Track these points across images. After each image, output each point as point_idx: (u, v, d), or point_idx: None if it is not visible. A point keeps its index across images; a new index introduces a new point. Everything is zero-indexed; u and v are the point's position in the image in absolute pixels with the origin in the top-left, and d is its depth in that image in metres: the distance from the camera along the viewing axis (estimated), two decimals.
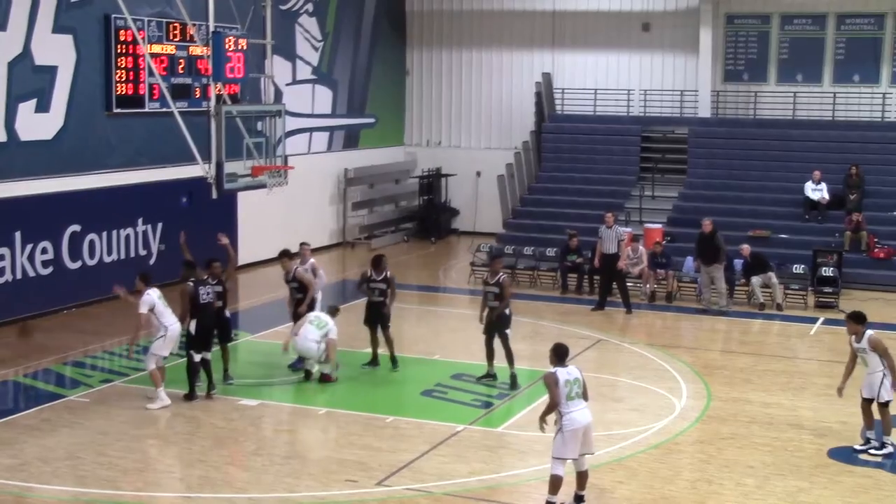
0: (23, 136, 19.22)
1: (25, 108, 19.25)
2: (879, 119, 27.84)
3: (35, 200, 19.33)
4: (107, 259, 20.81)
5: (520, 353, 15.92)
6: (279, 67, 24.15)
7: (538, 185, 28.89)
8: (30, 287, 19.32)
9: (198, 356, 14.77)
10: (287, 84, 26.67)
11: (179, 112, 17.14)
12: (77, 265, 20.31)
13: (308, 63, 27.73)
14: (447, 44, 31.82)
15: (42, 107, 19.63)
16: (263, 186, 17.47)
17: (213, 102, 16.48)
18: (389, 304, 16.54)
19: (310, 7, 27.56)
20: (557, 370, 11.05)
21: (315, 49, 28.01)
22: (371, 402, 14.97)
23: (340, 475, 12.10)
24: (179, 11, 18.49)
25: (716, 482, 12.09)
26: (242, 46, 16.46)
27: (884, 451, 12.90)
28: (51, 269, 19.75)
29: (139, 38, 19.88)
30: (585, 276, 22.90)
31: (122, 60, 20.90)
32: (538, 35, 30.84)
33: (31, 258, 19.37)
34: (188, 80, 22.38)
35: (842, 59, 28.33)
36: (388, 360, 16.55)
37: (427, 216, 30.74)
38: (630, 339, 18.97)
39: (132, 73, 21.14)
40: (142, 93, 21.41)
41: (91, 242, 20.58)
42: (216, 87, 16.66)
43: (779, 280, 21.64)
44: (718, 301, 21.07)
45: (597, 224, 22.20)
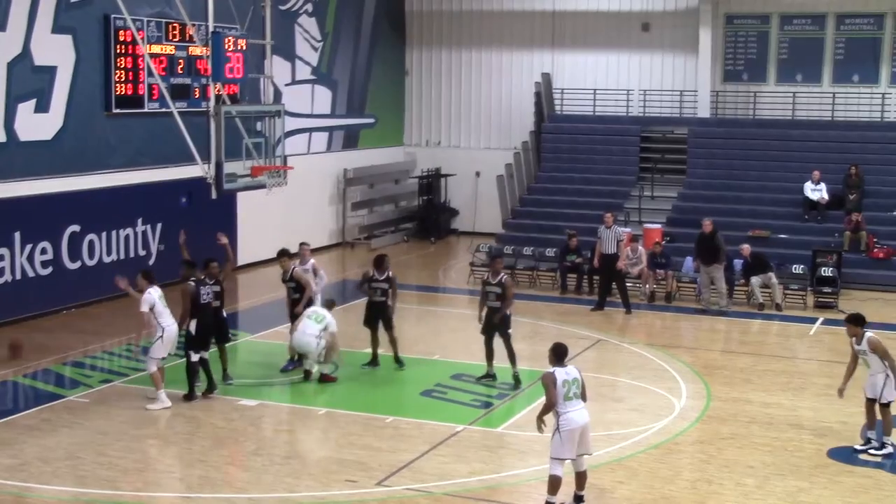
0: (22, 137, 19.21)
1: (25, 109, 19.24)
2: (879, 119, 27.85)
3: (34, 200, 19.33)
4: (106, 259, 20.82)
5: (520, 353, 15.90)
6: (278, 67, 24.15)
7: (537, 186, 28.89)
8: (30, 287, 19.32)
9: (196, 356, 14.78)
10: (286, 84, 26.66)
11: (179, 112, 17.15)
12: (77, 265, 20.31)
13: (307, 63, 27.73)
14: (447, 44, 31.82)
15: (41, 107, 19.62)
16: (263, 187, 17.48)
17: (213, 102, 16.49)
18: (393, 305, 16.54)
19: (309, 7, 27.56)
20: (556, 370, 11.05)
21: (314, 49, 28.01)
22: (371, 402, 14.97)
23: (340, 475, 12.10)
24: (179, 12, 18.50)
25: (716, 482, 12.09)
26: (242, 46, 16.46)
27: (884, 451, 12.91)
28: (50, 270, 19.75)
29: (138, 39, 19.89)
30: (585, 277, 22.90)
31: (122, 61, 20.90)
32: (538, 35, 30.84)
33: (31, 258, 19.36)
34: (187, 81, 22.38)
35: (841, 60, 28.33)
36: (393, 361, 16.54)
37: (427, 216, 30.74)
38: (630, 340, 18.96)
39: (132, 74, 21.13)
40: (141, 93, 21.41)
41: (90, 243, 20.58)
42: (215, 88, 16.67)
43: (778, 280, 21.65)
44: (718, 301, 21.07)
45: (596, 224, 22.21)
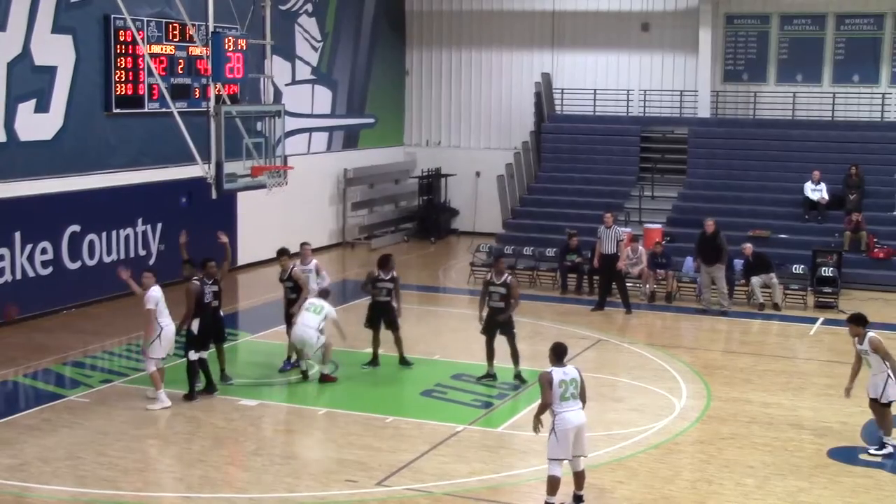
0: (22, 137, 19.21)
1: (25, 109, 19.25)
2: (879, 119, 27.84)
3: (35, 200, 19.33)
4: (106, 259, 20.81)
5: (520, 353, 15.88)
6: (279, 68, 24.18)
7: (538, 186, 28.89)
8: (30, 287, 19.32)
9: (196, 355, 14.79)
10: (286, 84, 26.66)
11: (179, 112, 17.15)
12: (77, 265, 20.32)
13: (307, 63, 27.73)
14: (447, 44, 31.82)
15: (42, 107, 19.62)
16: (263, 186, 17.48)
17: (213, 102, 16.49)
18: (398, 305, 16.52)
19: (309, 7, 27.56)
20: (553, 370, 11.05)
21: (314, 49, 28.01)
22: (371, 402, 14.96)
23: (340, 475, 12.10)
24: (179, 12, 18.50)
25: (716, 482, 12.09)
26: (242, 47, 16.46)
27: (884, 451, 12.91)
28: (51, 269, 19.75)
29: (139, 39, 19.89)
30: (585, 277, 22.89)
31: (122, 61, 20.90)
32: (538, 35, 30.84)
33: (31, 258, 19.37)
34: (188, 81, 22.38)
35: (841, 60, 28.33)
36: (398, 361, 16.55)
37: (427, 216, 30.73)
38: (630, 340, 18.96)
39: (132, 74, 21.14)
40: (141, 93, 21.41)
41: (91, 242, 20.58)
42: (216, 88, 16.67)
43: (779, 280, 21.64)
44: (720, 301, 21.07)
45: (596, 224, 22.19)
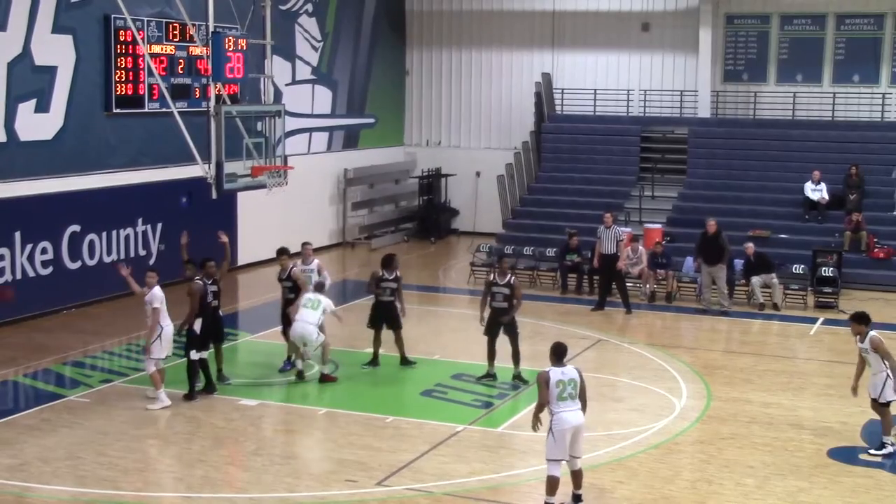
0: (22, 137, 19.21)
1: (25, 109, 19.24)
2: (879, 119, 27.83)
3: (35, 200, 19.33)
4: (107, 259, 20.79)
5: (521, 353, 15.89)
6: (279, 67, 24.18)
7: (538, 186, 28.89)
8: (30, 287, 19.32)
9: (197, 355, 14.80)
10: (287, 84, 26.66)
11: (179, 112, 17.15)
12: (77, 265, 20.32)
13: (308, 63, 27.73)
14: (447, 44, 31.81)
15: (42, 107, 19.62)
16: (263, 186, 17.49)
17: (213, 102, 16.50)
18: (402, 305, 16.53)
19: (309, 7, 27.56)
20: (551, 370, 11.06)
21: (315, 49, 28.00)
22: (371, 402, 14.96)
23: (340, 475, 12.10)
24: (179, 12, 18.50)
25: (716, 482, 12.09)
26: (242, 46, 16.46)
27: (884, 451, 12.91)
28: (51, 269, 19.75)
29: (139, 39, 19.89)
30: (585, 277, 22.89)
31: (122, 61, 20.90)
32: (538, 35, 30.84)
33: (31, 258, 19.37)
34: (188, 81, 22.38)
35: (841, 60, 28.33)
36: (399, 361, 16.55)
37: (427, 216, 30.73)
38: (630, 339, 18.96)
39: (132, 74, 21.13)
40: (141, 93, 21.41)
41: (91, 242, 20.58)
42: (216, 88, 16.67)
43: (779, 280, 21.63)
44: (720, 301, 21.07)
45: (597, 224, 22.17)
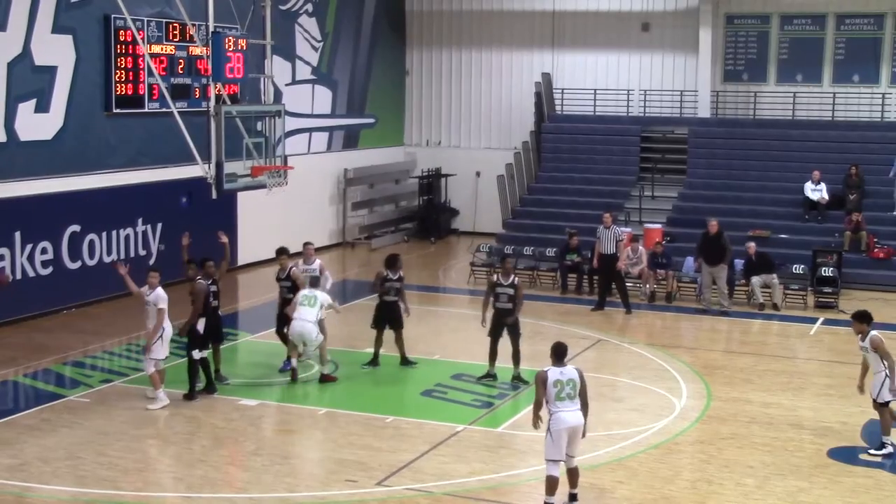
0: (22, 136, 19.21)
1: (25, 108, 19.24)
2: (879, 119, 27.84)
3: (35, 200, 19.33)
4: (107, 259, 20.78)
5: (521, 354, 15.89)
6: (279, 67, 24.18)
7: (538, 185, 28.89)
8: (30, 287, 19.32)
9: (199, 354, 14.82)
10: (287, 84, 26.66)
11: (179, 112, 17.16)
12: (77, 265, 20.32)
13: (308, 63, 27.72)
14: (447, 44, 31.81)
15: (42, 107, 19.62)
16: (263, 186, 17.50)
17: (213, 102, 16.51)
18: (406, 305, 16.55)
19: (309, 7, 27.56)
20: (550, 369, 11.06)
21: (315, 49, 28.00)
22: (371, 402, 14.96)
23: (340, 475, 12.10)
24: (179, 12, 18.50)
25: (716, 482, 12.09)
26: (242, 46, 16.47)
27: (884, 451, 12.91)
28: (51, 269, 19.75)
29: (139, 39, 19.89)
30: (585, 276, 22.89)
31: (122, 61, 20.90)
32: (538, 35, 30.84)
33: (31, 258, 19.37)
34: (188, 81, 22.38)
35: (841, 60, 28.33)
36: (399, 362, 16.55)
37: (427, 216, 30.73)
38: (630, 339, 18.96)
39: (132, 74, 21.13)
40: (141, 93, 21.41)
41: (91, 242, 20.58)
42: (216, 88, 16.68)
43: (779, 280, 21.62)
44: (720, 301, 21.06)
45: (597, 224, 22.14)
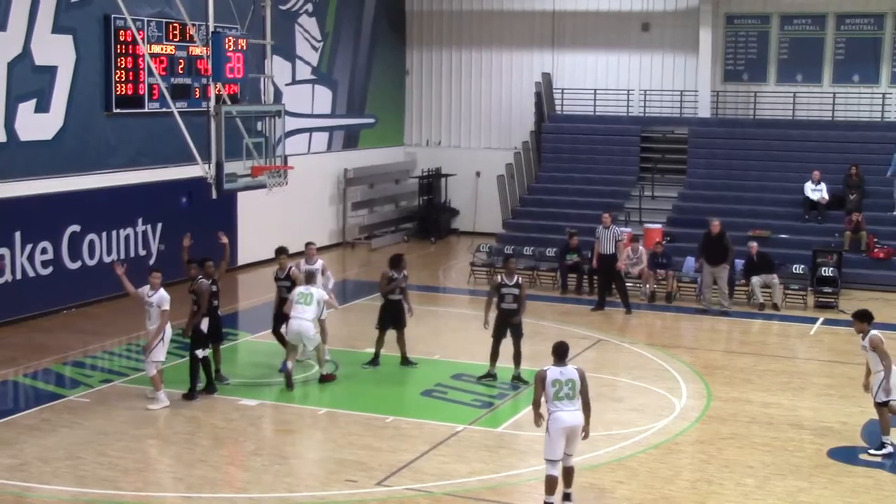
0: (22, 136, 19.21)
1: (25, 108, 19.24)
2: (879, 119, 27.83)
3: (35, 200, 19.33)
4: (107, 259, 20.77)
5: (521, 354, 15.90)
6: (279, 67, 24.18)
7: (538, 185, 28.89)
8: (30, 287, 19.32)
9: (202, 354, 14.85)
10: (287, 84, 26.66)
11: (179, 112, 17.16)
12: (77, 265, 20.32)
13: (308, 63, 27.72)
14: (447, 44, 31.81)
15: (42, 107, 19.62)
16: (263, 186, 17.50)
17: (213, 102, 16.51)
18: (409, 305, 16.55)
19: (309, 7, 27.56)
20: (549, 369, 11.07)
21: (315, 49, 28.00)
22: (371, 402, 14.96)
23: (340, 475, 12.10)
24: (179, 12, 18.50)
25: (716, 482, 12.09)
26: (242, 46, 16.47)
27: (884, 451, 12.91)
28: (51, 269, 19.75)
29: (139, 39, 19.89)
30: (585, 276, 22.88)
31: (122, 61, 20.89)
32: (538, 35, 30.84)
33: (31, 258, 19.37)
34: (188, 81, 22.38)
35: (841, 60, 28.32)
36: (399, 362, 16.55)
37: (427, 216, 30.73)
38: (630, 339, 18.96)
39: (132, 74, 21.13)
40: (141, 93, 21.41)
41: (91, 242, 20.58)
42: (216, 88, 16.68)
43: (779, 280, 21.60)
44: (720, 301, 21.06)
45: (597, 224, 22.11)
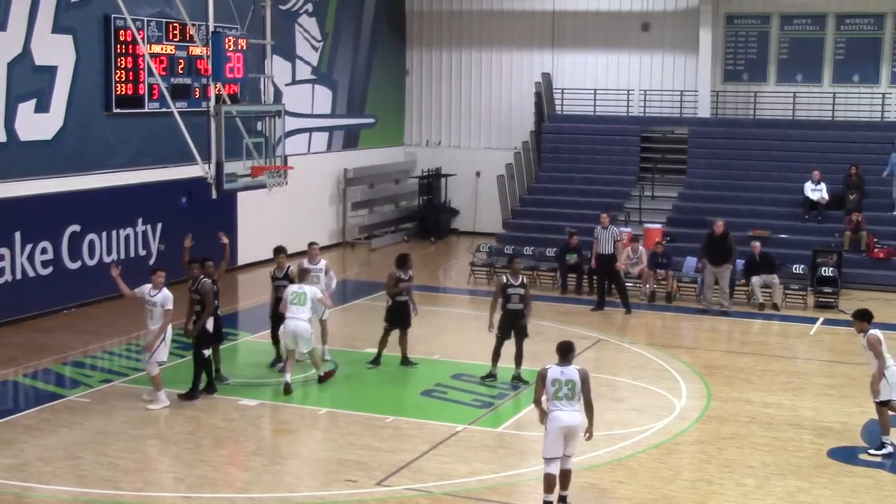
0: (23, 136, 19.21)
1: (25, 108, 19.24)
2: (879, 119, 27.84)
3: (35, 200, 19.33)
4: (107, 259, 20.75)
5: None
6: (279, 67, 24.18)
7: (538, 185, 28.89)
8: (30, 287, 19.32)
9: (207, 353, 14.89)
10: (287, 84, 26.66)
11: (179, 112, 17.16)
12: (77, 265, 20.32)
13: (308, 63, 27.72)
14: (447, 44, 31.82)
15: (42, 107, 19.62)
16: (263, 186, 17.50)
17: (213, 102, 16.51)
18: (415, 305, 16.55)
19: (309, 7, 27.56)
20: (550, 367, 11.06)
21: (315, 49, 28.00)
22: (371, 402, 14.96)
23: (340, 475, 12.10)
24: (179, 11, 18.50)
25: (716, 482, 12.09)
26: (242, 46, 16.47)
27: (883, 451, 12.91)
28: (51, 269, 19.75)
29: (139, 39, 19.89)
30: (585, 276, 22.88)
31: (122, 60, 20.89)
32: (538, 35, 30.84)
33: (31, 258, 19.37)
34: (188, 81, 22.38)
35: (841, 59, 28.33)
36: (400, 361, 16.54)
37: (427, 216, 30.73)
38: (630, 339, 18.96)
39: (132, 74, 21.13)
40: (141, 93, 21.41)
41: (91, 242, 20.58)
42: (216, 87, 16.68)
43: (779, 280, 21.60)
44: (721, 301, 21.06)
45: (597, 224, 22.13)
